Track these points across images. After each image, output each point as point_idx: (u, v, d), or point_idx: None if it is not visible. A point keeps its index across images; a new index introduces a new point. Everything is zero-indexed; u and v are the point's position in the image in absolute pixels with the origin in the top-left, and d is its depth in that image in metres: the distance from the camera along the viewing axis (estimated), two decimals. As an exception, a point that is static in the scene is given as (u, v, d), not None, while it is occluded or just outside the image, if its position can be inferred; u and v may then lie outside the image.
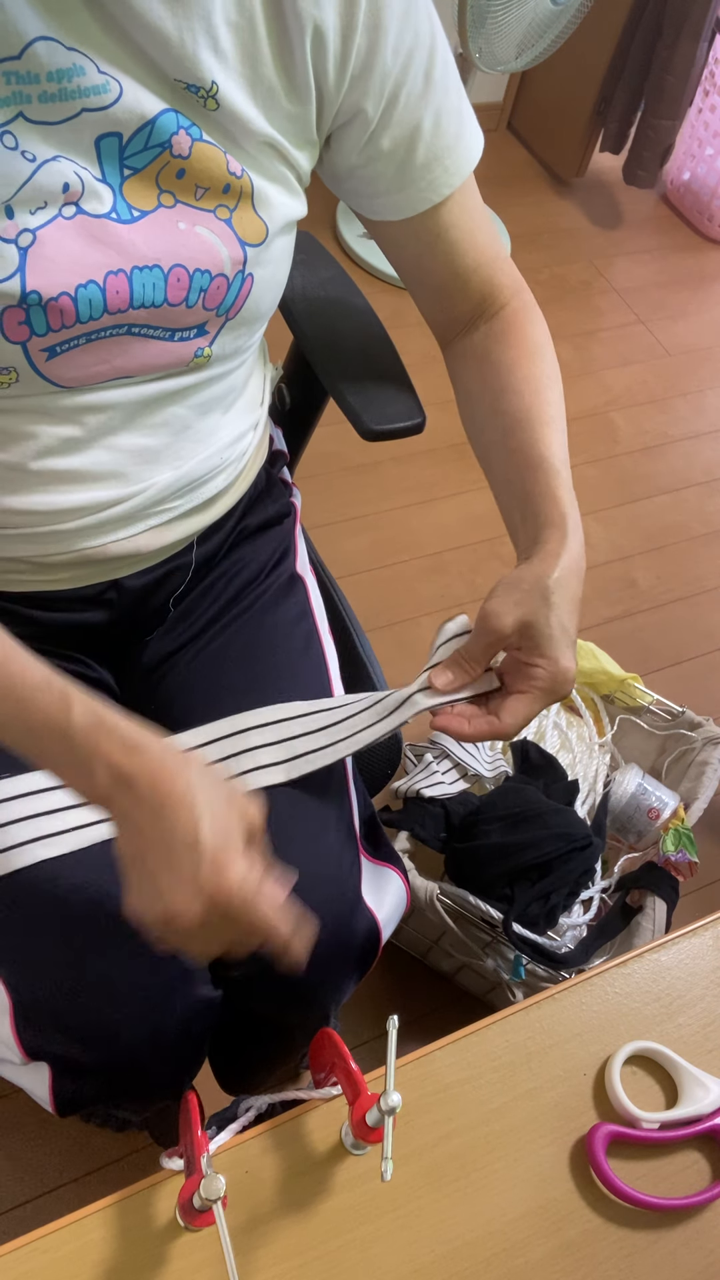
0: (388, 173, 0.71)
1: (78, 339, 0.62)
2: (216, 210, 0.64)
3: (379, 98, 0.67)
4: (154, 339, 0.66)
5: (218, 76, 0.60)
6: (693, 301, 2.52)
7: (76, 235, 0.59)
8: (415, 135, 0.69)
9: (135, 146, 0.60)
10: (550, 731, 1.38)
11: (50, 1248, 0.56)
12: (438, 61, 0.68)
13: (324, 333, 0.95)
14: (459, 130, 0.72)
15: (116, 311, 0.62)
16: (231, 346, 0.72)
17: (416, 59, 0.67)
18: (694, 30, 2.22)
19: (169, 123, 0.60)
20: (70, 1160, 1.15)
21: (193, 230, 0.63)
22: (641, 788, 1.33)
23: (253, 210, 0.65)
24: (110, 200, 0.60)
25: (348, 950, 0.73)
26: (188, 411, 0.73)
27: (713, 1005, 0.72)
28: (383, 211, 0.75)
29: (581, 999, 0.70)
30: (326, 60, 0.63)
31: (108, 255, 0.60)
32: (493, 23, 1.76)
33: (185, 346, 0.68)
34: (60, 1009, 0.66)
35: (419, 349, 1.08)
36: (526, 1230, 0.61)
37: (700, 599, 1.93)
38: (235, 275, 0.66)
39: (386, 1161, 0.53)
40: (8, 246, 0.57)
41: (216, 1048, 0.90)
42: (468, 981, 1.32)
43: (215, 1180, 0.51)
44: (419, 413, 0.92)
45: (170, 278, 0.63)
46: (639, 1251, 0.62)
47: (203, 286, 0.65)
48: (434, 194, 0.72)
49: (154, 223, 0.62)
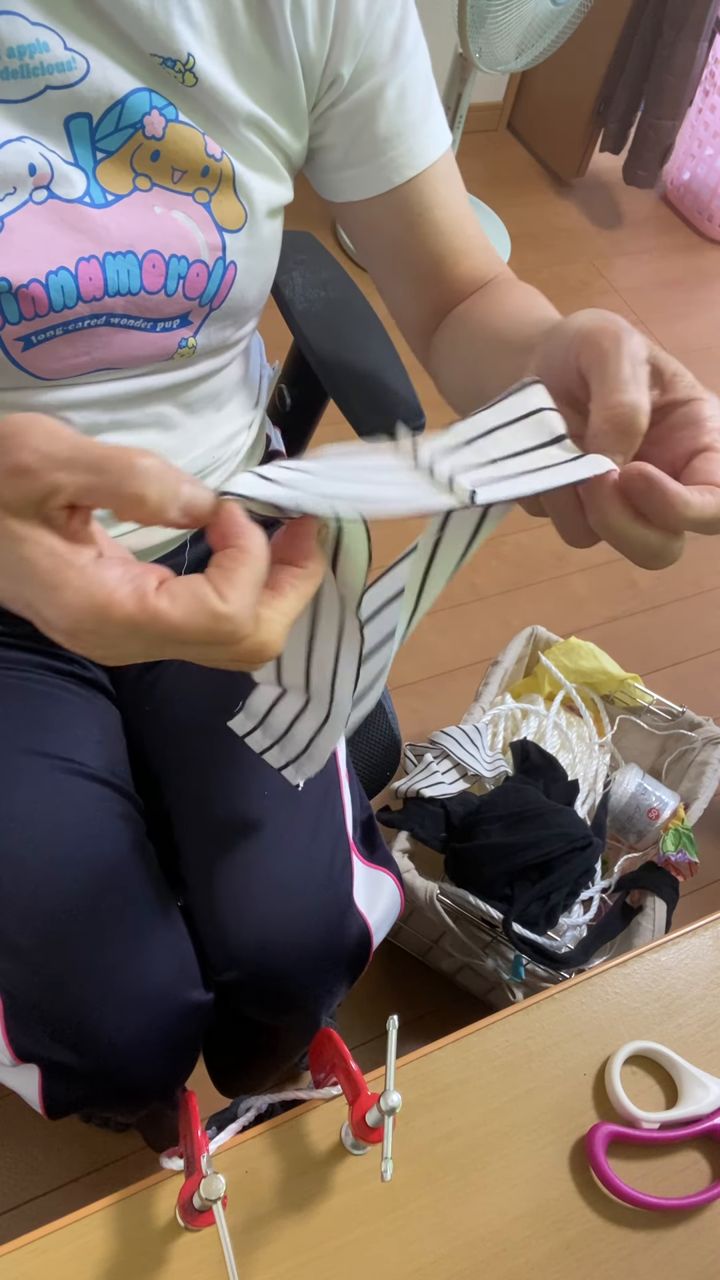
0: (341, 141, 0.68)
1: (54, 329, 0.61)
2: (195, 194, 0.62)
3: (353, 59, 0.65)
4: (134, 329, 0.65)
5: (194, 49, 0.58)
6: (693, 301, 2.52)
7: (47, 220, 0.58)
8: (376, 104, 0.66)
9: (106, 128, 0.58)
10: (550, 731, 1.37)
11: (50, 1248, 0.56)
12: (408, 33, 0.66)
13: (324, 333, 0.95)
14: (426, 110, 0.69)
15: (91, 300, 0.61)
16: (218, 338, 0.70)
17: (386, 23, 0.65)
18: (694, 30, 2.22)
19: (140, 103, 0.58)
20: (70, 1160, 1.15)
21: (169, 215, 0.61)
22: (641, 788, 1.33)
23: (233, 195, 0.64)
24: (83, 185, 0.59)
25: (338, 955, 0.73)
26: (177, 410, 0.73)
27: (713, 1005, 0.72)
28: (344, 190, 0.72)
29: (581, 999, 0.70)
30: (306, 28, 0.62)
31: (79, 241, 0.59)
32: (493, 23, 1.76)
33: (168, 337, 0.67)
34: (50, 1012, 0.66)
35: (419, 349, 1.08)
36: (526, 1230, 0.61)
37: (700, 599, 1.93)
38: (215, 262, 0.64)
39: (386, 1161, 0.53)
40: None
41: (211, 1051, 0.90)
42: (468, 981, 1.32)
43: (215, 1180, 0.51)
44: (419, 415, 0.92)
45: (145, 264, 0.62)
46: (639, 1251, 0.62)
47: (181, 274, 0.63)
48: (396, 173, 0.69)
49: (128, 206, 0.60)
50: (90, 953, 0.66)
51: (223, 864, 0.73)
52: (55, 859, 0.68)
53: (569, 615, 1.84)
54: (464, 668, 1.71)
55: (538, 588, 1.87)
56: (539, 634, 1.48)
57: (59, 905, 0.67)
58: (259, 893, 0.72)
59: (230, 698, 0.80)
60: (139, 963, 0.68)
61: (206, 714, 0.79)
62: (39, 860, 0.68)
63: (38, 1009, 0.66)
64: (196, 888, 0.75)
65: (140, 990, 0.67)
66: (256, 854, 0.72)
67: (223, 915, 0.73)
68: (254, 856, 0.72)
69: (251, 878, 0.72)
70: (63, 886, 0.67)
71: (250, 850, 0.73)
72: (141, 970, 0.68)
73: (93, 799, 0.73)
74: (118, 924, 0.68)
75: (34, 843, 0.69)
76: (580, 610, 1.85)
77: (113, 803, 0.74)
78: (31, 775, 0.71)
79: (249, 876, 0.72)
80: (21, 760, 0.72)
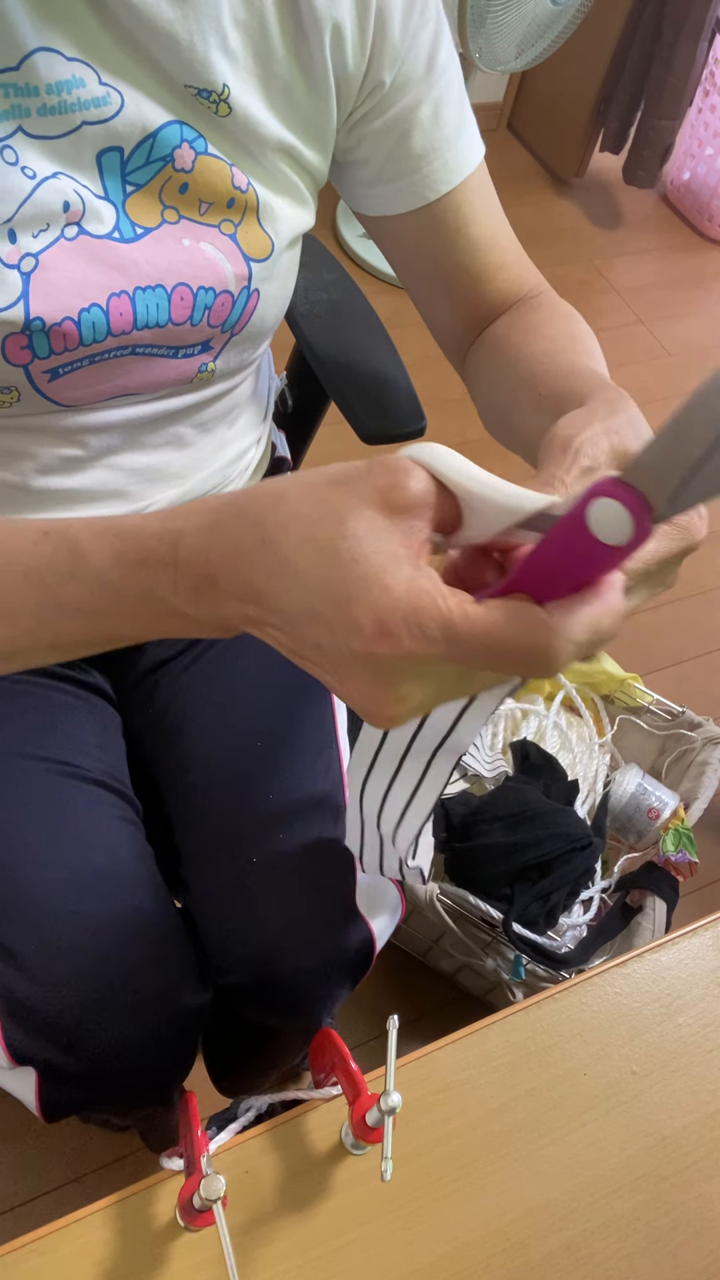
0: (375, 158, 0.68)
1: (81, 360, 0.61)
2: (221, 225, 0.62)
3: (391, 72, 0.64)
4: (158, 357, 0.65)
5: (229, 79, 0.58)
6: (693, 301, 2.52)
7: (78, 257, 0.58)
8: (411, 120, 0.66)
9: (137, 161, 0.58)
10: (550, 731, 1.37)
11: (50, 1248, 0.56)
12: (442, 49, 0.66)
13: (326, 335, 0.95)
14: (460, 127, 0.69)
15: (120, 333, 0.61)
16: (235, 361, 0.70)
17: (420, 40, 0.64)
18: (694, 30, 2.22)
19: (172, 136, 0.58)
20: (70, 1160, 1.15)
21: (196, 246, 0.61)
22: (641, 788, 1.33)
23: (258, 225, 0.64)
24: (113, 219, 0.59)
25: (340, 959, 0.73)
26: (191, 429, 0.73)
27: (713, 1005, 0.72)
28: (377, 204, 0.71)
29: (581, 999, 0.70)
30: (345, 49, 0.62)
31: (110, 277, 0.59)
32: (493, 23, 1.76)
33: (189, 363, 0.67)
34: (47, 1014, 0.66)
35: (419, 349, 1.08)
36: (526, 1230, 0.61)
37: (700, 599, 1.93)
38: (240, 291, 0.64)
39: (386, 1161, 0.53)
40: (10, 272, 0.55)
41: (210, 1051, 0.90)
42: (468, 981, 1.32)
43: (215, 1180, 0.51)
44: (420, 417, 0.92)
45: (174, 297, 0.62)
46: (639, 1251, 0.62)
47: (207, 304, 0.63)
48: (430, 190, 0.69)
49: (157, 240, 0.60)
50: (88, 956, 0.66)
51: (225, 868, 0.73)
52: (53, 862, 0.68)
53: (569, 615, 1.83)
54: (464, 668, 1.71)
55: (538, 588, 1.86)
56: (539, 634, 1.48)
57: (56, 908, 0.67)
58: (261, 897, 0.72)
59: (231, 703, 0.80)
60: (137, 965, 0.68)
61: (207, 718, 0.79)
62: (37, 863, 0.68)
63: (35, 1012, 0.66)
64: (197, 891, 0.76)
65: (138, 993, 0.67)
66: (258, 858, 0.72)
67: (225, 919, 0.73)
68: (256, 861, 0.72)
69: (254, 882, 0.72)
70: (60, 889, 0.67)
71: (252, 854, 0.73)
72: (139, 972, 0.68)
73: (91, 802, 0.73)
74: (116, 927, 0.68)
75: (32, 846, 0.69)
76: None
77: (112, 806, 0.74)
78: (30, 778, 0.71)
79: (251, 881, 0.72)
80: (20, 764, 0.72)
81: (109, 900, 0.68)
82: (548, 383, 0.60)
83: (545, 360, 0.63)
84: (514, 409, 0.64)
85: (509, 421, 0.65)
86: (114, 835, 0.72)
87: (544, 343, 0.66)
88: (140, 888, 0.71)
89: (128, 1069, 0.68)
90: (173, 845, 0.78)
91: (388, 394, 0.92)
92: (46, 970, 0.66)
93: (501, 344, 0.70)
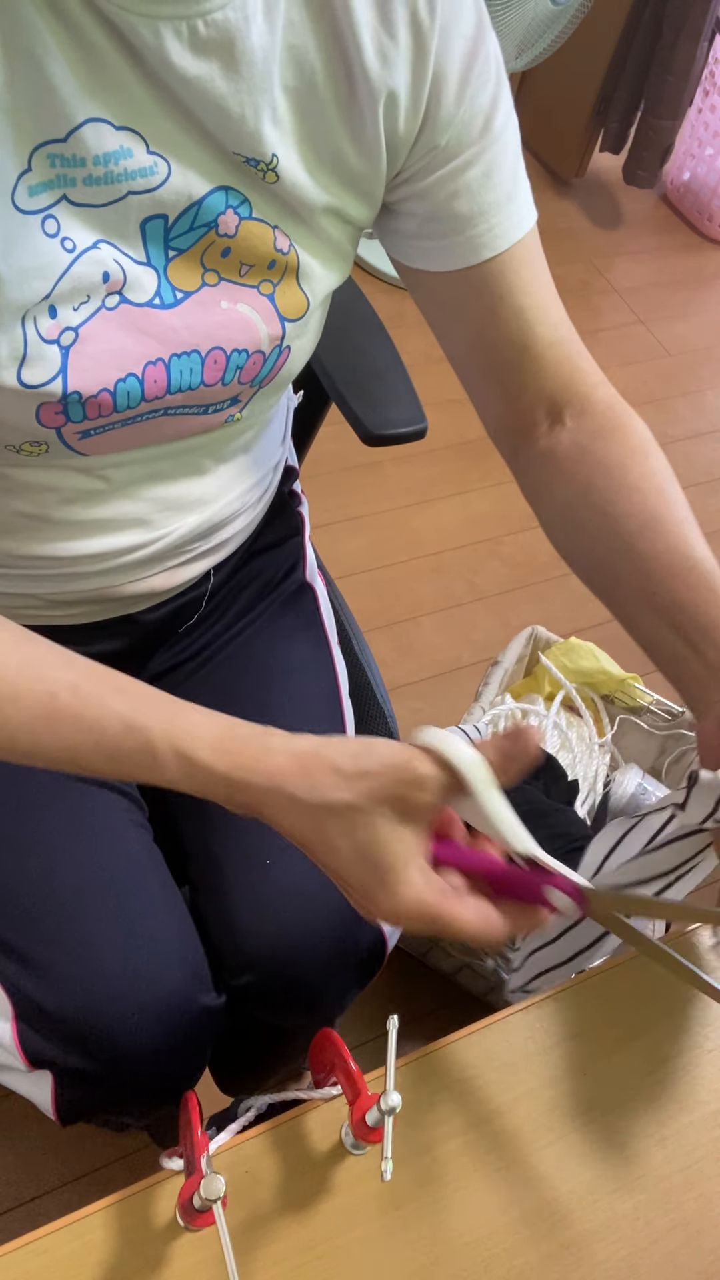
0: (420, 211, 0.65)
1: (114, 424, 0.61)
2: (260, 286, 0.61)
3: (445, 135, 0.63)
4: (187, 415, 0.65)
5: (278, 149, 0.58)
6: (693, 301, 2.52)
7: (118, 326, 0.57)
8: (459, 182, 0.64)
9: (181, 227, 0.57)
10: (550, 731, 1.37)
11: (50, 1248, 0.56)
12: (500, 111, 0.64)
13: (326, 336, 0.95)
14: (511, 191, 0.66)
15: (154, 399, 0.61)
16: (261, 407, 0.71)
17: (478, 103, 0.63)
18: (694, 30, 2.22)
19: (217, 202, 0.57)
20: (70, 1160, 1.15)
21: (234, 309, 0.61)
22: (641, 788, 1.33)
23: (296, 285, 0.63)
24: (154, 285, 0.58)
25: (352, 959, 0.73)
26: (213, 461, 0.73)
27: (712, 1004, 0.72)
28: (416, 258, 0.68)
29: (581, 999, 0.71)
30: (398, 120, 0.61)
31: (147, 346, 0.58)
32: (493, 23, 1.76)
33: (217, 417, 0.67)
34: (62, 1018, 0.66)
35: (419, 349, 1.08)
36: (526, 1230, 0.61)
37: (700, 599, 1.93)
38: (272, 350, 0.64)
39: (386, 1161, 0.53)
40: (49, 347, 0.55)
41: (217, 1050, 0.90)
42: (468, 981, 1.32)
43: (215, 1180, 0.51)
44: (421, 418, 0.92)
45: (208, 360, 0.61)
46: (639, 1251, 0.62)
47: (239, 365, 0.63)
48: (473, 253, 0.66)
49: (196, 304, 0.59)
50: (102, 959, 0.66)
51: (235, 869, 0.73)
52: (64, 866, 0.68)
53: (569, 615, 1.83)
54: (464, 668, 1.71)
55: (538, 588, 1.87)
56: (539, 634, 1.48)
57: (69, 912, 0.67)
58: (273, 898, 0.72)
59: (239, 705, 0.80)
60: (151, 968, 0.68)
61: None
62: (49, 867, 0.68)
63: (50, 1016, 0.66)
64: (207, 892, 0.76)
65: (153, 995, 0.67)
66: (269, 859, 0.73)
67: (237, 920, 0.73)
68: (267, 862, 0.73)
69: (265, 883, 0.72)
70: (72, 893, 0.67)
71: (263, 855, 0.73)
72: (154, 975, 0.68)
73: (101, 805, 0.73)
74: (129, 930, 0.68)
75: (43, 851, 0.69)
76: (580, 610, 1.85)
77: (120, 808, 0.74)
78: (40, 783, 0.71)
79: (262, 881, 0.72)
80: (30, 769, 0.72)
81: (122, 903, 0.68)
82: (664, 582, 0.64)
83: (649, 536, 0.65)
84: (617, 586, 0.68)
85: (608, 589, 0.70)
86: (125, 838, 0.72)
87: (634, 498, 0.66)
88: (153, 890, 0.71)
89: (144, 1071, 0.68)
90: (181, 848, 0.78)
91: (388, 396, 0.92)
92: (61, 974, 0.66)
93: (573, 478, 0.69)
